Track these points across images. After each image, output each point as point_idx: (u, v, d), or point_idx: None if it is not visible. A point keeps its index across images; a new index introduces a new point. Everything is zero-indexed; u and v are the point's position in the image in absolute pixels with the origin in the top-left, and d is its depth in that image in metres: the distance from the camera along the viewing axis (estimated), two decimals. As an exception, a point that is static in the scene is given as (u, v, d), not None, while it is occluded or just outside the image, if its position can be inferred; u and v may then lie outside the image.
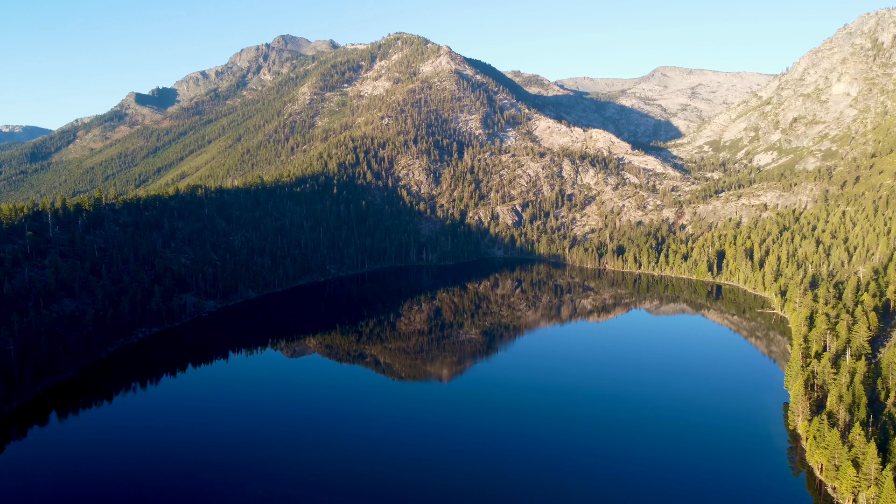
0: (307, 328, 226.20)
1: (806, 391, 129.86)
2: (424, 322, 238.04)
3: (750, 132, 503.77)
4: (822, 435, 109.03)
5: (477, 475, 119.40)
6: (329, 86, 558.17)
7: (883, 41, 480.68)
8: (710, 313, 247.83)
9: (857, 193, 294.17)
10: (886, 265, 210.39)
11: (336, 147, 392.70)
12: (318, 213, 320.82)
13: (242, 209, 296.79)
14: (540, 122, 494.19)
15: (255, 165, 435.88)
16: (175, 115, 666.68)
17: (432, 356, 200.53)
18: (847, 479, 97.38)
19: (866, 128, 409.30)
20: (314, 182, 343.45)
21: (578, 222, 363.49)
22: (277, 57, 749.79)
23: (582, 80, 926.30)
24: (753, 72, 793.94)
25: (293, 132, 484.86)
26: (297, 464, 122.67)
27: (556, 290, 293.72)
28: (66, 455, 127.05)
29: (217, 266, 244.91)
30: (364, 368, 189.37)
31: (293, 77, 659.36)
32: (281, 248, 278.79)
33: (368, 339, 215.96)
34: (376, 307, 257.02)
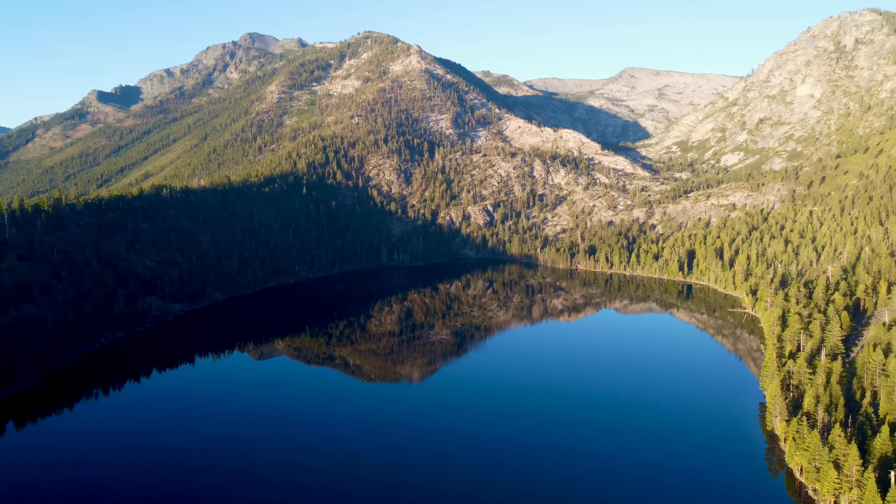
0: (276, 331, 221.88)
1: (782, 392, 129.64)
2: (395, 323, 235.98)
3: (717, 133, 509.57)
4: (802, 436, 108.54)
5: (448, 475, 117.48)
6: (298, 84, 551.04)
7: (845, 44, 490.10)
8: (680, 313, 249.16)
9: (823, 193, 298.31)
10: (854, 264, 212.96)
11: (305, 146, 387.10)
12: (287, 214, 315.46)
13: (209, 210, 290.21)
14: (511, 122, 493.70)
15: (222, 165, 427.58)
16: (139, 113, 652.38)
17: (403, 357, 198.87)
18: (828, 481, 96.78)
19: (830, 129, 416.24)
20: (283, 182, 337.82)
21: (550, 222, 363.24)
22: (244, 55, 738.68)
23: (551, 80, 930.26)
24: (719, 73, 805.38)
25: (261, 131, 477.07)
26: (264, 466, 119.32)
27: (527, 291, 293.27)
28: (25, 464, 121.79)
29: (183, 268, 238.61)
30: (333, 370, 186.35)
31: (261, 75, 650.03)
32: (249, 250, 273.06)
33: (338, 341, 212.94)
34: (347, 309, 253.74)
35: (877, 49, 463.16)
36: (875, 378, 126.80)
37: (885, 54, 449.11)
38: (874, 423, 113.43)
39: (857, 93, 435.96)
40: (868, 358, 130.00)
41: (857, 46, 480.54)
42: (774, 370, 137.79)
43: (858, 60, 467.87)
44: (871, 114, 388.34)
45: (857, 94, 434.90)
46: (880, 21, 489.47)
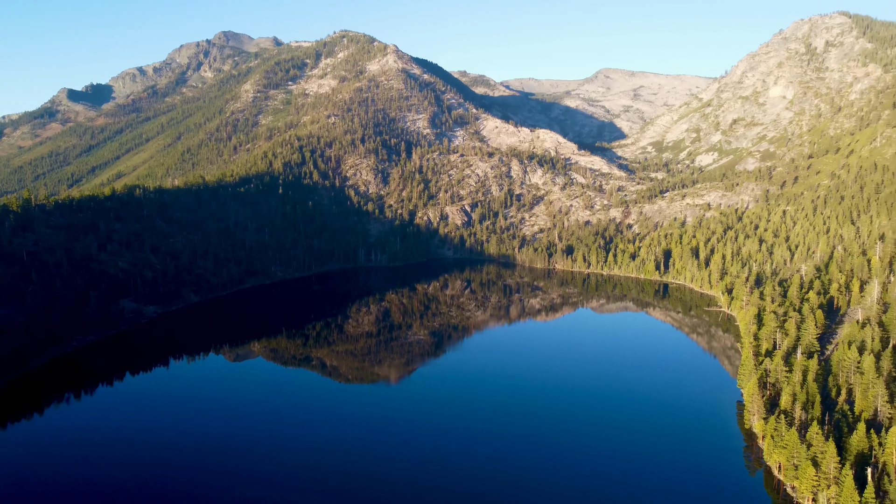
0: (252, 332, 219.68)
1: (760, 390, 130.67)
2: (373, 324, 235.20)
3: (692, 133, 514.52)
4: (780, 434, 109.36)
5: (425, 474, 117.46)
6: (273, 83, 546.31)
7: (816, 46, 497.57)
8: (656, 312, 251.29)
9: (796, 193, 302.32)
10: (827, 263, 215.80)
11: (281, 146, 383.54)
12: (263, 214, 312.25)
13: (184, 210, 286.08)
14: (488, 122, 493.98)
15: (196, 165, 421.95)
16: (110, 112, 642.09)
17: (380, 358, 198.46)
18: (807, 478, 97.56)
19: (802, 129, 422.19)
20: (259, 182, 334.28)
21: (527, 222, 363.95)
22: (219, 54, 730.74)
23: (528, 80, 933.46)
24: (693, 74, 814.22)
25: (236, 131, 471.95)
26: (238, 468, 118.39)
27: (505, 290, 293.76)
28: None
29: (157, 270, 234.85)
30: (310, 372, 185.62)
31: (235, 74, 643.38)
32: (225, 251, 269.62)
33: (315, 342, 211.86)
34: (324, 310, 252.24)
35: (846, 51, 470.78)
36: (850, 375, 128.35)
37: (854, 56, 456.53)
38: (850, 420, 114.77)
39: (828, 94, 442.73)
40: (843, 356, 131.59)
41: (828, 49, 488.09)
42: (752, 368, 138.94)
43: (829, 62, 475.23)
44: (842, 115, 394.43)
45: (827, 96, 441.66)
46: (850, 24, 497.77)
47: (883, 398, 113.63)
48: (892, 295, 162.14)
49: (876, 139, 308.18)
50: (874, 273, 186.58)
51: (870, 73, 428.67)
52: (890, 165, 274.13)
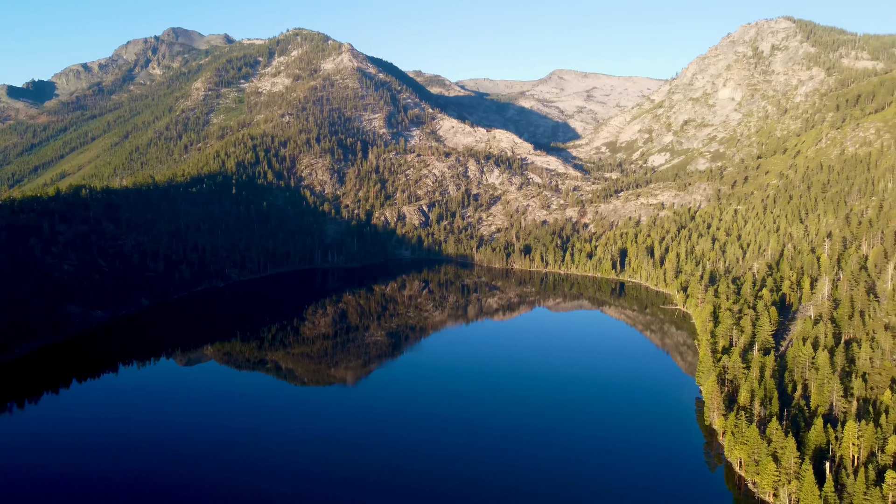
0: (205, 336, 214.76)
1: (718, 386, 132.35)
2: (329, 326, 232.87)
3: (644, 134, 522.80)
4: (741, 430, 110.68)
5: (382, 475, 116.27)
6: (225, 81, 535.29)
7: (763, 50, 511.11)
8: (612, 310, 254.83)
9: (746, 193, 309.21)
10: (778, 261, 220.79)
11: (234, 145, 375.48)
12: (216, 215, 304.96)
13: (133, 211, 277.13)
14: (444, 121, 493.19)
15: (145, 164, 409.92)
16: (54, 109, 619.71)
17: (337, 360, 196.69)
18: (768, 474, 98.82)
19: (750, 131, 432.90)
20: (211, 182, 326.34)
21: (485, 222, 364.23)
22: (168, 50, 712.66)
23: (482, 81, 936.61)
24: (644, 76, 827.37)
25: (187, 129, 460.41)
26: (186, 474, 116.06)
27: (462, 290, 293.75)
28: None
29: (105, 273, 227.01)
30: (264, 375, 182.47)
31: (185, 72, 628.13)
32: (177, 252, 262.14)
33: (271, 344, 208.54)
34: (280, 312, 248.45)
35: (791, 55, 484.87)
36: (805, 371, 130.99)
37: (799, 60, 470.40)
38: (806, 415, 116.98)
39: (775, 96, 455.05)
40: (798, 352, 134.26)
41: (774, 52, 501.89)
42: (710, 366, 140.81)
43: (775, 66, 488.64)
44: (788, 116, 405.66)
45: (774, 98, 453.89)
46: (794, 28, 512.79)
47: (838, 393, 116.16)
48: (842, 291, 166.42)
49: (821, 140, 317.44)
50: (823, 270, 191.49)
51: (814, 76, 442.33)
52: (835, 166, 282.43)
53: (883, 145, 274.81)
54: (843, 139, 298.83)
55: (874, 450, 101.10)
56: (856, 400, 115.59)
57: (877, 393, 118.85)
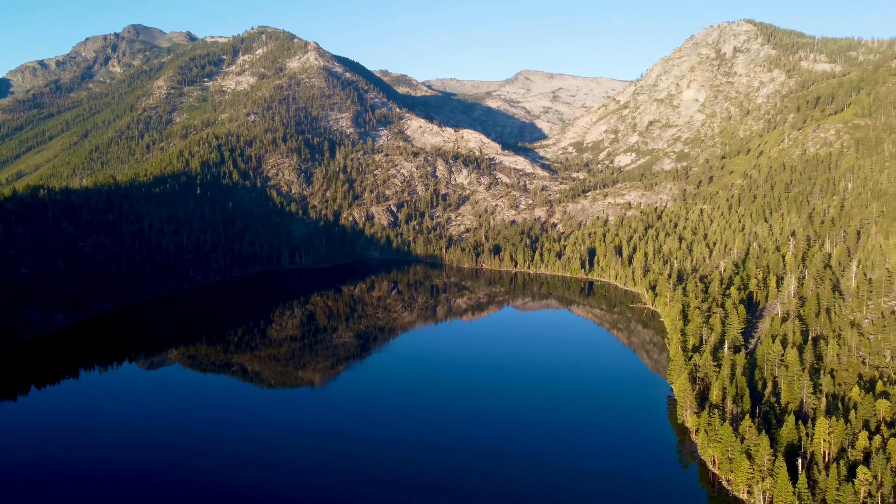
0: (170, 340, 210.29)
1: (690, 385, 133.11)
2: (297, 328, 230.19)
3: (610, 134, 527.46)
4: (714, 429, 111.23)
5: (350, 476, 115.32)
6: (188, 80, 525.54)
7: (725, 52, 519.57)
8: (580, 309, 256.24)
9: (711, 192, 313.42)
10: (744, 259, 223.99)
11: (198, 145, 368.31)
12: (180, 216, 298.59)
13: (93, 212, 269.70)
14: (412, 121, 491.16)
15: (106, 164, 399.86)
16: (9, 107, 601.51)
17: (304, 362, 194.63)
18: (742, 471, 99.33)
19: (714, 131, 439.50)
20: (175, 182, 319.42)
21: (454, 222, 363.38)
22: (128, 48, 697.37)
23: (449, 81, 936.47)
24: (609, 77, 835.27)
25: (149, 128, 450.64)
26: (146, 481, 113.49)
27: (432, 291, 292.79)
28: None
29: (66, 275, 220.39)
30: (230, 377, 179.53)
31: (147, 70, 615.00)
32: (140, 254, 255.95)
33: (237, 347, 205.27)
34: (246, 314, 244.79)
35: (753, 57, 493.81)
36: (775, 369, 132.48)
37: (760, 62, 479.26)
38: (777, 412, 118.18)
39: (737, 98, 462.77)
40: (768, 350, 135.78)
41: (736, 54, 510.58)
42: (682, 364, 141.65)
43: (737, 67, 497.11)
44: (750, 117, 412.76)
45: (737, 99, 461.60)
46: (755, 31, 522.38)
47: (808, 390, 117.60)
48: (808, 289, 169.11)
49: (784, 140, 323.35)
50: (788, 268, 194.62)
51: (774, 78, 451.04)
52: (797, 166, 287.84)
53: (843, 146, 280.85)
54: (805, 140, 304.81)
55: (844, 446, 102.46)
56: (825, 396, 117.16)
57: (844, 389, 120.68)
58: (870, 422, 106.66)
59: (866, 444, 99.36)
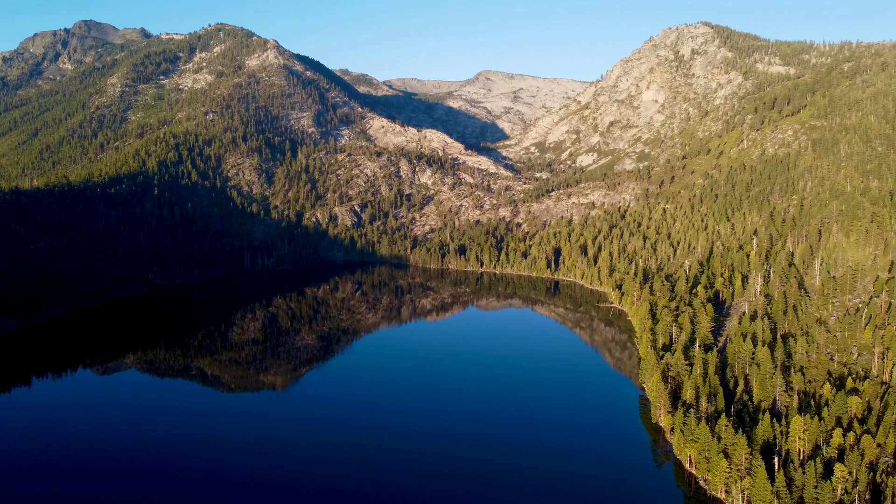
0: (126, 345, 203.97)
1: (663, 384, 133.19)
2: (259, 331, 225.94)
3: (572, 134, 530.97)
4: (690, 428, 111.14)
5: (309, 480, 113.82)
6: (143, 77, 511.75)
7: (683, 54, 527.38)
8: (544, 308, 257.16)
9: (673, 192, 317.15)
10: (708, 258, 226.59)
11: (155, 144, 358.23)
12: (137, 217, 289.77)
13: (45, 213, 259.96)
14: (374, 121, 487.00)
15: (57, 164, 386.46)
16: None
17: (266, 365, 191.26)
18: (719, 471, 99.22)
19: (674, 132, 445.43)
20: (131, 182, 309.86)
21: (418, 222, 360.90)
22: (79, 44, 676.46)
23: (410, 80, 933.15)
24: (569, 78, 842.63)
25: (102, 127, 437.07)
26: (97, 486, 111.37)
27: (396, 292, 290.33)
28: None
29: (16, 279, 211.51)
30: (188, 382, 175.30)
31: (99, 67, 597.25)
32: (95, 257, 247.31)
33: (197, 352, 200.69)
34: (206, 318, 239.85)
35: (710, 59, 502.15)
36: (746, 367, 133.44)
37: (717, 64, 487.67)
38: (751, 410, 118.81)
39: (696, 99, 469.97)
40: (739, 348, 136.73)
41: (694, 56, 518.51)
42: (654, 364, 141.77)
43: (695, 69, 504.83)
44: (709, 118, 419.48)
45: (695, 101, 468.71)
46: (712, 34, 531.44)
47: (780, 388, 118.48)
48: (773, 288, 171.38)
49: (743, 141, 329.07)
50: (753, 267, 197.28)
51: (732, 79, 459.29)
52: (756, 166, 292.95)
53: (801, 146, 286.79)
54: (764, 140, 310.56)
55: (819, 443, 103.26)
56: (796, 394, 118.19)
57: (814, 386, 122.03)
58: (842, 418, 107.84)
59: (841, 441, 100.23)
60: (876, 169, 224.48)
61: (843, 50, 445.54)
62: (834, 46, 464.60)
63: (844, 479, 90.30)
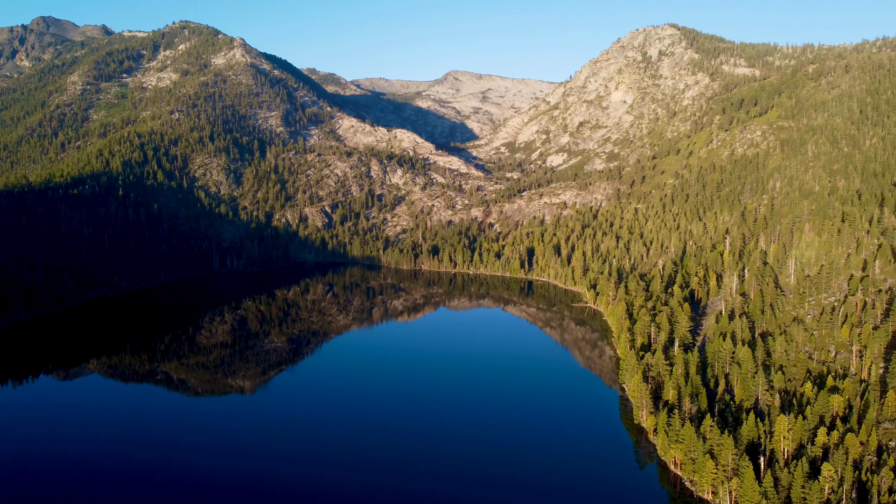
0: (90, 350, 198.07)
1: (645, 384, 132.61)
2: (227, 334, 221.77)
3: (542, 135, 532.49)
4: (675, 429, 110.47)
5: (277, 483, 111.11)
6: (105, 75, 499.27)
7: (651, 55, 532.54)
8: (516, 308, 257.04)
9: (645, 192, 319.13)
10: (682, 257, 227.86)
11: (119, 143, 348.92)
12: (101, 218, 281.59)
13: (4, 215, 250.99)
14: (343, 120, 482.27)
15: (16, 164, 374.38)
16: None
17: (234, 368, 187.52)
18: (706, 472, 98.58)
19: (642, 132, 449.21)
20: (95, 183, 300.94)
21: (390, 223, 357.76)
22: (38, 41, 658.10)
23: (378, 80, 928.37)
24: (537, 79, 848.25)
25: (63, 126, 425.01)
26: (57, 491, 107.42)
27: (368, 293, 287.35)
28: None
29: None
30: (153, 387, 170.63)
31: (59, 64, 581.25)
32: (58, 260, 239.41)
33: (163, 356, 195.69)
34: (173, 321, 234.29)
35: (677, 60, 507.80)
36: (726, 366, 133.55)
37: (684, 65, 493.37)
38: (733, 409, 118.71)
39: (664, 100, 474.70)
40: (719, 347, 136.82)
41: (661, 58, 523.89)
42: (635, 364, 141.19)
43: (663, 70, 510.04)
44: (677, 119, 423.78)
45: (663, 101, 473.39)
46: (679, 35, 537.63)
47: (763, 387, 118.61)
48: (749, 286, 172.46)
49: (712, 141, 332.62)
50: (727, 266, 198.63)
51: (699, 81, 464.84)
52: (726, 166, 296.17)
53: (769, 146, 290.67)
54: (733, 140, 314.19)
55: (803, 442, 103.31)
56: (777, 393, 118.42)
57: (795, 385, 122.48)
58: (825, 417, 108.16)
59: (825, 440, 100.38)
60: (843, 169, 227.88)
61: (805, 52, 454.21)
62: (797, 49, 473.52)
63: (831, 478, 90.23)
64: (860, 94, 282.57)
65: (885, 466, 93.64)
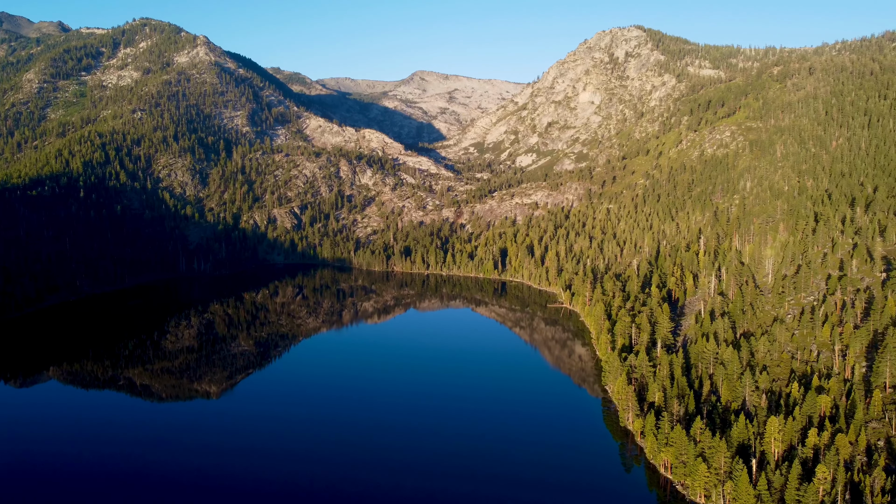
0: (51, 357, 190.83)
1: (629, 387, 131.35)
2: (194, 338, 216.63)
3: (510, 135, 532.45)
4: (664, 432, 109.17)
5: (243, 485, 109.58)
6: (63, 73, 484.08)
7: (618, 56, 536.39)
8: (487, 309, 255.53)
9: (616, 192, 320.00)
10: (656, 257, 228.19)
11: (79, 143, 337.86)
12: (62, 221, 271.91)
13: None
14: (311, 120, 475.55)
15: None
16: None
17: (201, 373, 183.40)
18: (699, 475, 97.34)
19: (611, 133, 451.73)
20: (54, 184, 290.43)
21: (360, 224, 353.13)
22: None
23: (344, 80, 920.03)
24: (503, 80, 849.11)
25: (19, 125, 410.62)
26: None
27: (338, 295, 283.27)
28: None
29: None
30: (115, 393, 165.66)
31: (14, 62, 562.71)
32: (16, 264, 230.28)
33: (126, 362, 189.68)
34: (138, 326, 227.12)
35: (644, 62, 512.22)
36: (710, 367, 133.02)
37: (651, 67, 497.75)
38: (720, 411, 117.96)
39: (631, 101, 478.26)
40: (702, 348, 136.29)
41: (628, 59, 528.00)
42: (618, 366, 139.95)
43: (629, 71, 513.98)
44: (645, 120, 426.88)
45: (630, 102, 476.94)
46: (645, 37, 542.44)
47: (750, 388, 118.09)
48: (726, 286, 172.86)
49: (682, 142, 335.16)
50: (703, 266, 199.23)
51: (665, 82, 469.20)
52: (696, 166, 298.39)
53: (738, 147, 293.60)
54: (702, 141, 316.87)
55: (794, 443, 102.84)
56: (763, 393, 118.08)
57: (780, 385, 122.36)
58: (812, 417, 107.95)
59: (816, 441, 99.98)
60: (811, 169, 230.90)
61: (768, 55, 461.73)
62: (759, 51, 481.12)
63: (825, 479, 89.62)
64: (825, 96, 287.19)
65: (876, 467, 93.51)
